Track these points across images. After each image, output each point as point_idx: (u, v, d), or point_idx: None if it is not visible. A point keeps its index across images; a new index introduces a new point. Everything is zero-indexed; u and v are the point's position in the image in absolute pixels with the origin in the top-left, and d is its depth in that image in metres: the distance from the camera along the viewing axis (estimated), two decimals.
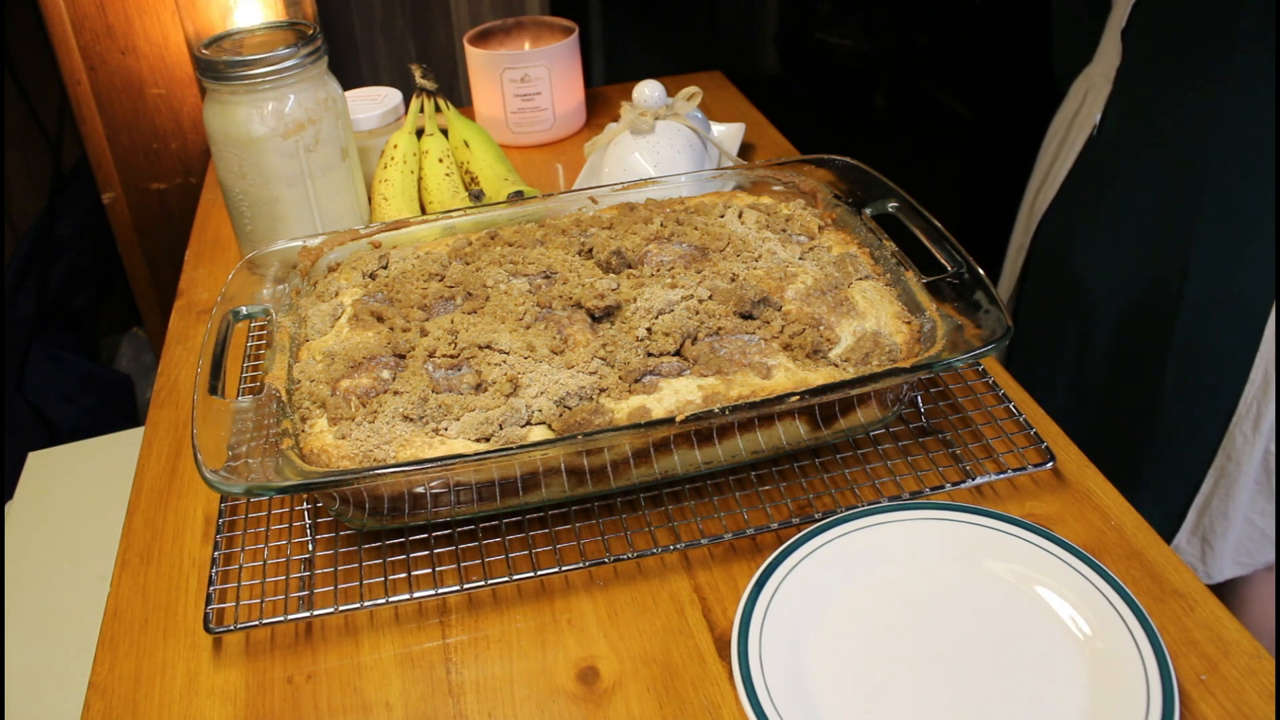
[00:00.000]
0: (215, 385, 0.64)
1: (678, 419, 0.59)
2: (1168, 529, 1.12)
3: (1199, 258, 1.00)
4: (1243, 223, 0.98)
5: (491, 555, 0.64)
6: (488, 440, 0.61)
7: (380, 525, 0.64)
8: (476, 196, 1.02)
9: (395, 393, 0.63)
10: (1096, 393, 1.15)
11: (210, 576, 0.63)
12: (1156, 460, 1.11)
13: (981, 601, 0.58)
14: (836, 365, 0.65)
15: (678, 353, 0.66)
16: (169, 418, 0.81)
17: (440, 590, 0.62)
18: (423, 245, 0.81)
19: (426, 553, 0.65)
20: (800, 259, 0.75)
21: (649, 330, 0.66)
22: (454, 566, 0.64)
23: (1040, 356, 1.22)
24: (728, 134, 1.17)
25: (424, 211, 1.03)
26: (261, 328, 0.84)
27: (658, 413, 0.62)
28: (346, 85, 1.00)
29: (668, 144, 1.01)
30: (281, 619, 0.60)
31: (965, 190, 2.15)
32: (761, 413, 0.61)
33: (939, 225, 0.73)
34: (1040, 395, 0.77)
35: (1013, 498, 0.67)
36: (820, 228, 0.79)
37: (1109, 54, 1.08)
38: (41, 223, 1.79)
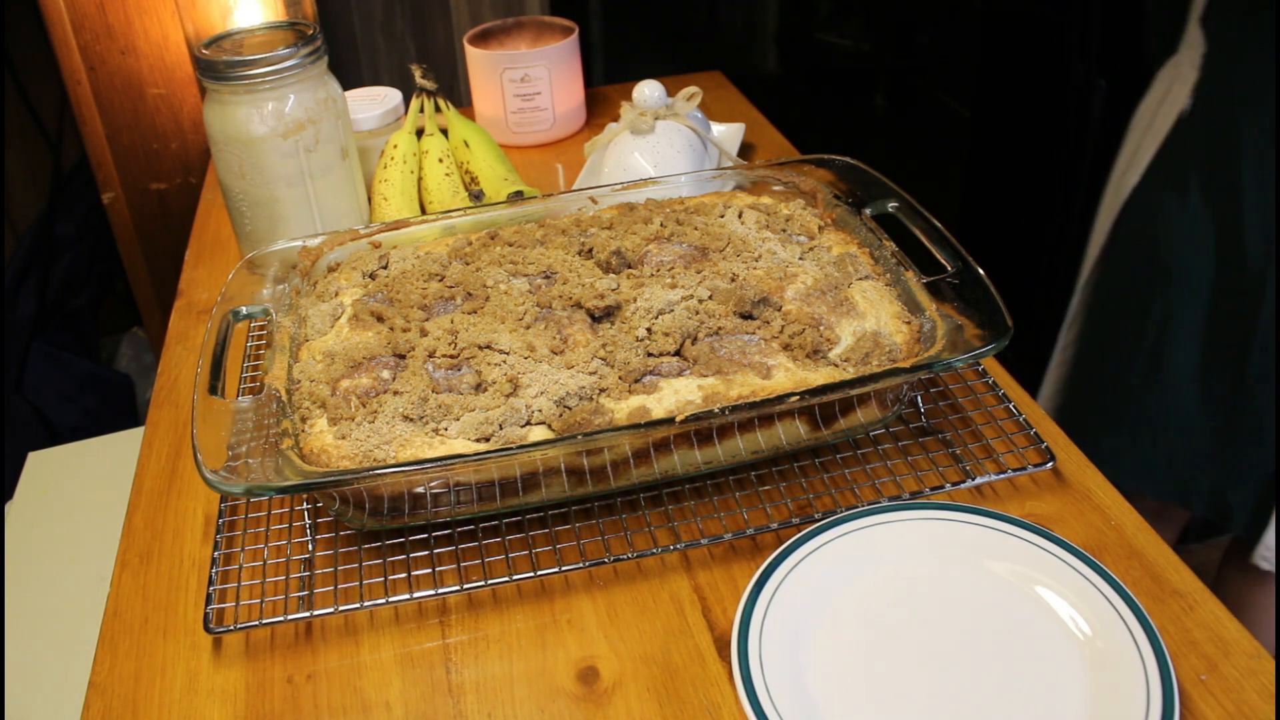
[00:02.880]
0: (215, 385, 0.64)
1: (678, 419, 0.59)
2: (1260, 518, 1.13)
3: None
4: None
5: (491, 555, 0.64)
6: (488, 440, 0.61)
7: (380, 525, 0.64)
8: (476, 196, 1.02)
9: (395, 393, 0.63)
10: (1177, 375, 1.16)
11: (210, 576, 0.63)
12: (1244, 445, 1.11)
13: (981, 601, 0.58)
14: (836, 365, 0.65)
15: (678, 353, 0.66)
16: (169, 418, 0.81)
17: (440, 590, 0.62)
18: (423, 245, 0.81)
19: (426, 553, 0.65)
20: (800, 259, 0.75)
21: (649, 330, 0.66)
22: (454, 566, 0.64)
23: (1119, 339, 1.23)
24: (728, 134, 1.17)
25: (424, 211, 1.03)
26: (261, 328, 0.84)
27: (658, 413, 0.62)
28: (346, 85, 1.00)
29: (668, 144, 1.01)
30: (281, 619, 0.60)
31: (965, 190, 2.15)
32: (761, 413, 0.61)
33: (939, 225, 0.73)
34: (1114, 378, 0.76)
35: (1013, 498, 0.67)
36: (820, 228, 0.79)
37: (1194, 42, 1.10)
38: (41, 223, 1.79)
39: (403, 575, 0.63)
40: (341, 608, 0.61)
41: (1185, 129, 1.12)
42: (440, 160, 1.02)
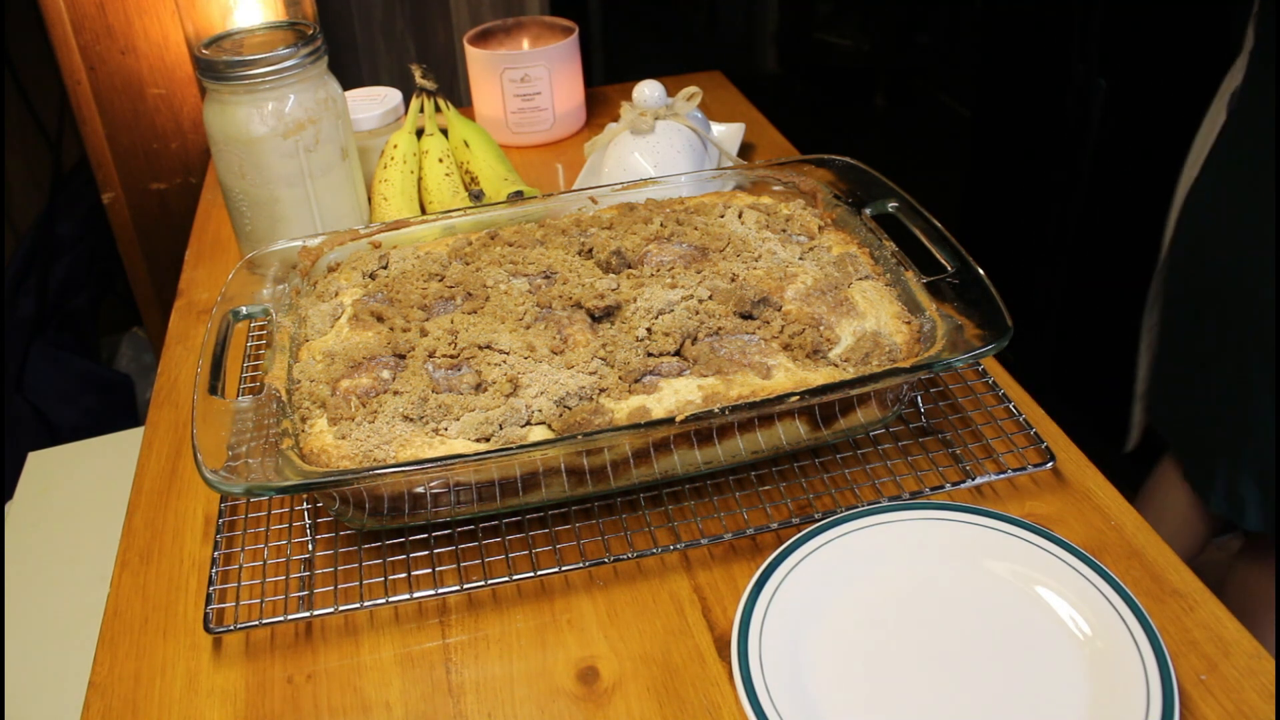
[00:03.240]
0: (215, 385, 0.64)
1: (678, 419, 0.59)
2: None
3: None
4: None
5: (491, 555, 0.64)
6: (488, 440, 0.61)
7: (380, 525, 0.64)
8: (476, 196, 1.02)
9: (395, 393, 0.63)
10: (1209, 363, 1.16)
11: (210, 576, 0.63)
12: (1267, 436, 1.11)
13: (981, 601, 0.58)
14: (836, 365, 0.65)
15: (678, 353, 0.66)
16: (169, 418, 0.81)
17: (440, 590, 0.62)
18: (423, 245, 0.81)
19: (426, 553, 0.65)
20: (800, 259, 0.75)
21: (649, 330, 0.66)
22: (454, 566, 0.64)
23: (1180, 330, 1.23)
24: (728, 134, 1.17)
25: (424, 211, 1.03)
26: (261, 328, 0.84)
27: (658, 413, 0.61)
28: (346, 85, 1.00)
29: (668, 144, 1.01)
30: (281, 619, 0.60)
31: (965, 190, 2.15)
32: (761, 413, 0.61)
33: (939, 225, 0.73)
34: (1178, 370, 0.74)
35: (1013, 498, 0.67)
36: (820, 228, 0.79)
37: (1249, 42, 1.12)
38: (41, 223, 1.79)
39: (403, 575, 0.63)
40: (341, 608, 0.61)
41: (1234, 124, 1.13)
42: (440, 160, 1.02)
